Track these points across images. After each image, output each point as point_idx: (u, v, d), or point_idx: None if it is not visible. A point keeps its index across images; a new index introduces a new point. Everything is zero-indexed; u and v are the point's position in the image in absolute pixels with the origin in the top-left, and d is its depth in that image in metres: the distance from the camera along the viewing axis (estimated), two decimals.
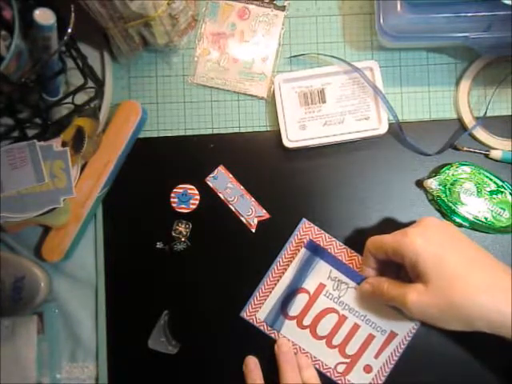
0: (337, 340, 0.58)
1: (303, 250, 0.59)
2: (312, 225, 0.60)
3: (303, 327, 0.59)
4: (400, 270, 0.54)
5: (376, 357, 0.58)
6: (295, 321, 0.59)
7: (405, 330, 0.58)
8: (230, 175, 0.61)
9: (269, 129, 0.61)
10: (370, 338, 0.58)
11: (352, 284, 0.58)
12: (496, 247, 0.59)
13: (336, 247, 0.59)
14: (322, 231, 0.59)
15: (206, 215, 0.60)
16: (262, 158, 0.61)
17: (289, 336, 0.59)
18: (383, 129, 0.58)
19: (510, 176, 0.59)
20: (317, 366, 0.58)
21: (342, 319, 0.58)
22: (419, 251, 0.49)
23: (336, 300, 0.59)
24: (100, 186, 0.59)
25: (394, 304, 0.53)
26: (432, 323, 0.51)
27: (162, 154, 0.61)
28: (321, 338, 0.58)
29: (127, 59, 0.61)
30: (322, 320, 0.59)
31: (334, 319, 0.58)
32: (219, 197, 0.60)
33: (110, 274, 0.60)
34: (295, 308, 0.59)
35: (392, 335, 0.58)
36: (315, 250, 0.59)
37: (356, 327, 0.58)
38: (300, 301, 0.59)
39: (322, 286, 0.59)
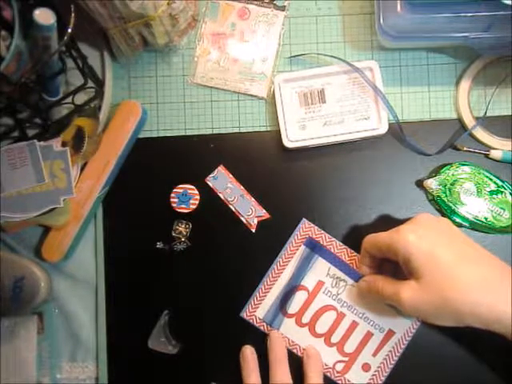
0: (335, 338, 0.58)
1: (302, 247, 0.59)
2: (312, 225, 0.60)
3: (302, 325, 0.59)
4: (397, 267, 0.55)
5: (374, 355, 0.58)
6: (294, 318, 0.59)
7: (403, 329, 0.58)
8: (230, 175, 0.61)
9: (269, 129, 0.61)
10: (368, 335, 0.58)
11: (350, 281, 0.59)
12: (496, 247, 0.58)
13: (336, 247, 0.59)
14: (322, 231, 0.59)
15: (206, 215, 0.60)
16: (262, 158, 0.61)
17: (288, 334, 0.59)
18: (383, 129, 0.58)
19: (510, 176, 0.59)
20: None
21: (341, 317, 0.58)
22: (412, 248, 0.49)
23: (335, 297, 0.59)
24: (100, 185, 0.59)
25: (389, 301, 0.53)
26: (426, 319, 0.51)
27: (162, 154, 0.61)
28: (319, 335, 0.58)
29: (127, 59, 0.61)
30: (321, 317, 0.59)
31: (332, 317, 0.59)
32: (219, 197, 0.60)
33: (110, 274, 0.60)
34: (294, 306, 0.59)
35: (390, 333, 0.58)
36: (314, 247, 0.59)
37: (354, 325, 0.58)
38: (299, 298, 0.59)
39: (320, 284, 0.59)
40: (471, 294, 0.47)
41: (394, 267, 0.55)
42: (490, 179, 0.57)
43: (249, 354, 0.58)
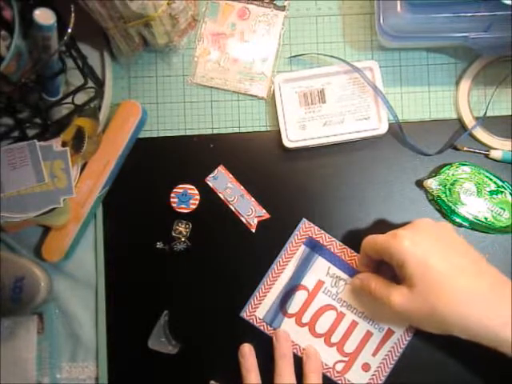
0: (336, 337, 0.58)
1: (302, 247, 0.59)
2: (312, 225, 0.60)
3: (302, 325, 0.59)
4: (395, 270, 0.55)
5: (374, 355, 0.58)
6: (294, 318, 0.59)
7: (402, 329, 0.58)
8: (230, 175, 0.61)
9: (269, 129, 0.61)
10: (368, 335, 0.58)
11: (350, 281, 0.59)
12: (496, 247, 0.59)
13: (336, 247, 0.59)
14: (322, 231, 0.59)
15: (206, 215, 0.60)
16: (262, 158, 0.61)
17: None
18: (383, 129, 0.58)
19: (510, 176, 0.59)
20: None
21: (341, 316, 0.59)
22: (406, 254, 0.49)
23: (334, 297, 0.59)
24: (100, 186, 0.59)
25: (380, 302, 0.53)
26: (414, 325, 0.51)
27: (162, 154, 0.61)
28: (319, 335, 0.58)
29: (127, 59, 0.61)
30: (321, 317, 0.59)
31: (332, 316, 0.59)
32: (219, 197, 0.60)
33: (110, 274, 0.60)
34: (294, 305, 0.59)
35: (390, 333, 0.58)
36: (314, 247, 0.59)
37: (354, 324, 0.58)
38: (299, 298, 0.59)
39: (320, 283, 0.59)
40: (460, 307, 0.47)
41: (393, 269, 0.55)
42: (490, 179, 0.57)
43: (247, 351, 0.58)
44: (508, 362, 0.53)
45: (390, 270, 0.55)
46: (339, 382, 0.58)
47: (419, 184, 0.59)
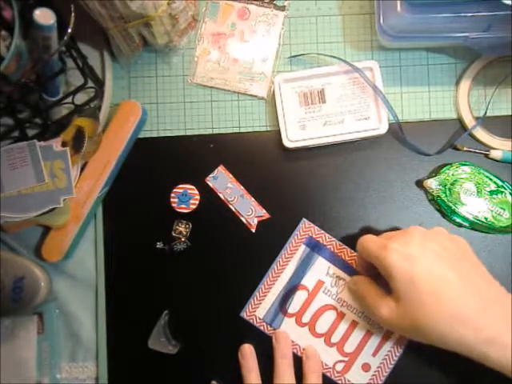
0: (335, 337, 0.58)
1: (303, 247, 0.59)
2: (312, 225, 0.60)
3: (302, 325, 0.59)
4: None
5: (374, 355, 0.58)
6: (294, 318, 0.59)
7: None
8: (230, 175, 0.61)
9: (269, 129, 0.61)
10: (368, 335, 0.58)
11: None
12: (496, 247, 0.59)
13: (336, 247, 0.59)
14: (322, 231, 0.59)
15: (206, 215, 0.60)
16: (262, 158, 0.61)
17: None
18: (383, 129, 0.58)
19: (510, 176, 0.59)
20: None
21: (341, 316, 0.59)
22: (394, 268, 0.49)
23: (334, 297, 0.59)
24: (100, 186, 0.59)
25: (369, 309, 0.53)
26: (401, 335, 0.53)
27: (162, 154, 0.61)
28: (320, 335, 0.58)
29: (127, 59, 0.61)
30: (321, 317, 0.59)
31: (332, 316, 0.59)
32: (219, 197, 0.60)
33: (110, 274, 0.60)
34: (294, 305, 0.59)
35: (390, 333, 0.58)
36: (314, 247, 0.59)
37: (354, 324, 0.58)
38: (299, 298, 0.59)
39: (320, 283, 0.59)
40: (441, 325, 0.47)
41: None
42: (490, 179, 0.57)
43: (248, 351, 0.58)
44: None
45: None
46: (339, 382, 0.58)
47: (419, 184, 0.59)
